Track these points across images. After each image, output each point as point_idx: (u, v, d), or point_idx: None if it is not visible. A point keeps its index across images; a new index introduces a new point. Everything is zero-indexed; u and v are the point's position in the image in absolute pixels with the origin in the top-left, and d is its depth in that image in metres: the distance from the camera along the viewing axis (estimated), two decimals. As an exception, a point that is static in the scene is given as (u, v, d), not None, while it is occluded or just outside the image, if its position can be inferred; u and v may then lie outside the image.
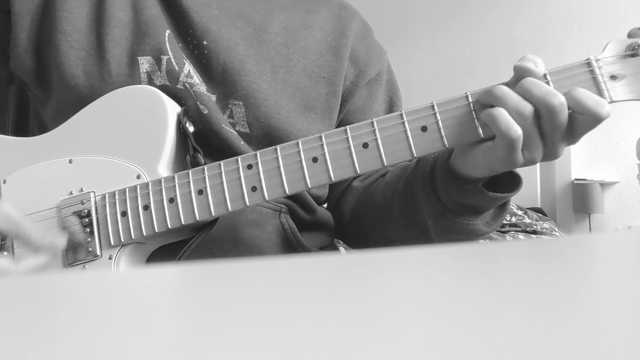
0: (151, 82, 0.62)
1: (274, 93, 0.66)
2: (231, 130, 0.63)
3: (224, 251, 0.61)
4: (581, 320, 0.12)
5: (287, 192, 0.52)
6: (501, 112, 0.46)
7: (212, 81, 0.65)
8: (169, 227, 0.54)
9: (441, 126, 0.49)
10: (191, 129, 0.60)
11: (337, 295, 0.15)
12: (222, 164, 0.54)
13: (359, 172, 0.51)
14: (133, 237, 0.55)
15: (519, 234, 2.12)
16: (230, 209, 0.53)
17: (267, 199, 0.52)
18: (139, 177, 0.57)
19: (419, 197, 0.60)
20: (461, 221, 0.58)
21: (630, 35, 0.48)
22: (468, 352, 0.10)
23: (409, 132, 0.50)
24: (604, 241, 0.26)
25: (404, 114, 0.50)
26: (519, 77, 0.48)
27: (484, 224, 0.59)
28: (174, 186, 0.55)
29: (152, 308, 0.15)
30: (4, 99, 0.74)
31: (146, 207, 0.55)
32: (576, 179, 2.84)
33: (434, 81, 3.30)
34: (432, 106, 0.49)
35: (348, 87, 0.73)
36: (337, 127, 0.73)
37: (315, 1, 0.75)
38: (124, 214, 0.56)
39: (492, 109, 0.47)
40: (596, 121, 0.45)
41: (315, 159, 0.51)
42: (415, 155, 0.49)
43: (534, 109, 0.46)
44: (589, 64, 0.47)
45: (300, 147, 0.52)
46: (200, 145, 0.59)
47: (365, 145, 0.50)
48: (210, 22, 0.66)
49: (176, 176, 0.55)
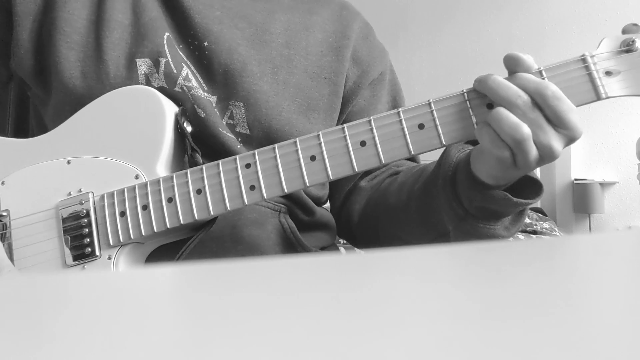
0: (149, 84, 0.62)
1: (275, 94, 0.66)
2: (228, 134, 0.63)
3: (223, 250, 0.61)
4: (581, 320, 0.12)
5: (286, 191, 0.52)
6: (503, 111, 0.46)
7: (213, 82, 0.65)
8: (168, 226, 0.54)
9: (438, 123, 0.49)
10: (189, 128, 0.60)
11: (337, 296, 0.15)
12: (220, 163, 0.54)
13: (356, 170, 0.51)
14: (132, 237, 0.55)
15: (519, 234, 2.12)
16: (228, 207, 0.53)
17: (265, 197, 0.52)
18: (137, 177, 0.57)
19: (438, 201, 0.58)
20: (482, 226, 0.56)
21: (624, 32, 0.48)
22: (468, 352, 0.10)
23: (406, 129, 0.50)
24: (604, 241, 0.26)
25: (400, 111, 0.50)
26: (510, 68, 0.48)
27: (503, 228, 0.57)
28: (173, 186, 0.55)
29: (152, 308, 0.15)
30: (4, 99, 0.74)
31: (145, 207, 0.55)
32: (576, 179, 2.84)
33: (434, 81, 3.30)
34: (429, 104, 0.49)
35: (350, 88, 0.72)
36: None
37: (316, 2, 0.75)
38: (122, 214, 0.56)
39: (493, 110, 0.47)
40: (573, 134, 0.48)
41: (313, 158, 0.51)
42: (413, 153, 0.49)
43: (530, 99, 0.46)
44: (584, 60, 0.47)
45: (298, 145, 0.52)
46: (197, 147, 0.59)
47: (362, 143, 0.50)
48: (212, 23, 0.66)
49: (174, 176, 0.55)
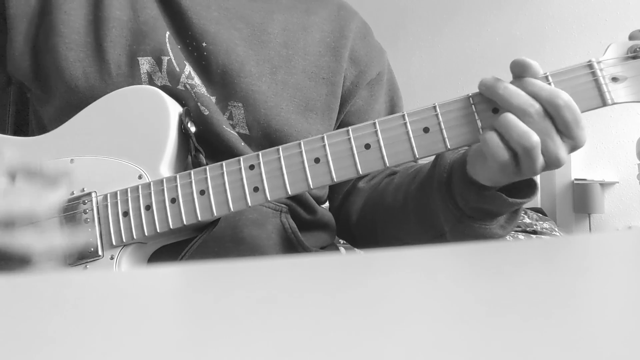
0: (152, 83, 0.62)
1: (274, 94, 0.66)
2: (232, 132, 0.63)
3: (224, 250, 0.61)
4: (581, 320, 0.12)
5: (290, 193, 0.52)
6: (512, 118, 0.46)
7: (212, 83, 0.65)
8: (171, 227, 0.54)
9: (443, 127, 0.49)
10: (193, 129, 0.60)
11: (337, 296, 0.15)
12: (224, 164, 0.54)
13: (361, 173, 0.51)
14: (135, 237, 0.55)
15: (519, 234, 2.12)
16: (232, 209, 0.53)
17: (269, 199, 0.52)
18: (140, 177, 0.57)
19: (434, 202, 0.59)
20: (478, 225, 0.57)
21: (631, 38, 0.48)
22: (468, 352, 0.10)
23: (411, 133, 0.50)
24: (604, 241, 0.26)
25: (406, 115, 0.50)
26: (517, 73, 0.48)
27: (498, 227, 0.58)
28: (176, 186, 0.55)
29: (154, 308, 0.15)
30: (4, 100, 0.74)
31: (148, 207, 0.55)
32: (576, 179, 2.85)
33: (434, 81, 3.30)
34: (434, 107, 0.49)
35: (348, 88, 0.73)
36: (338, 127, 0.73)
37: (314, 2, 0.75)
38: (125, 214, 0.56)
39: (501, 117, 0.47)
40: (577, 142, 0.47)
41: (317, 160, 0.51)
42: (418, 157, 0.49)
43: (542, 108, 0.46)
44: (590, 65, 0.47)
45: (303, 147, 0.52)
46: (201, 145, 0.59)
47: (367, 146, 0.50)
48: (210, 24, 0.66)
49: (178, 176, 0.55)
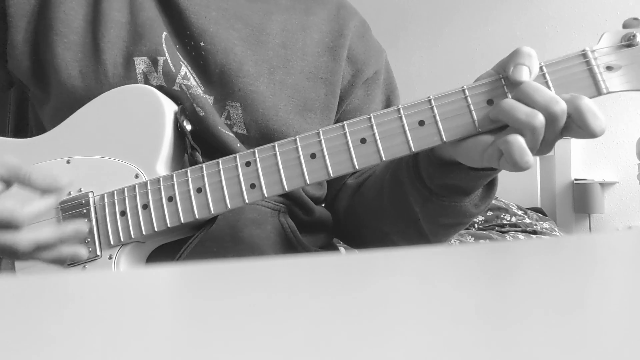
0: (147, 83, 0.62)
1: (272, 94, 0.66)
2: (228, 133, 0.63)
3: (223, 250, 0.61)
4: (581, 320, 0.12)
5: (286, 189, 0.52)
6: (513, 102, 0.46)
7: (210, 83, 0.65)
8: (169, 225, 0.54)
9: (438, 120, 0.49)
10: (188, 127, 0.60)
11: (337, 296, 0.15)
12: (220, 161, 0.54)
13: (357, 167, 0.50)
14: (133, 236, 0.55)
15: (519, 234, 2.12)
16: (229, 206, 0.53)
17: (266, 195, 0.52)
18: (137, 176, 0.57)
19: (405, 185, 0.60)
20: (447, 203, 0.58)
21: (625, 26, 0.48)
22: (468, 352, 0.10)
23: (406, 126, 0.50)
24: (604, 241, 0.26)
25: (401, 108, 0.50)
26: (514, 61, 0.47)
27: (472, 205, 0.58)
28: (173, 185, 0.55)
29: (153, 308, 0.15)
30: (4, 100, 0.74)
31: (145, 206, 0.55)
32: (576, 179, 2.84)
33: (434, 81, 3.30)
34: (429, 100, 0.49)
35: (345, 87, 0.73)
36: None
37: (313, 2, 0.75)
38: (123, 213, 0.56)
39: (503, 101, 0.46)
40: (589, 136, 0.45)
41: (313, 155, 0.51)
42: (414, 150, 0.49)
43: (544, 119, 0.45)
44: (584, 55, 0.47)
45: (299, 143, 0.52)
46: (197, 145, 0.59)
47: (363, 141, 0.50)
48: (208, 24, 0.66)
49: (174, 175, 0.55)
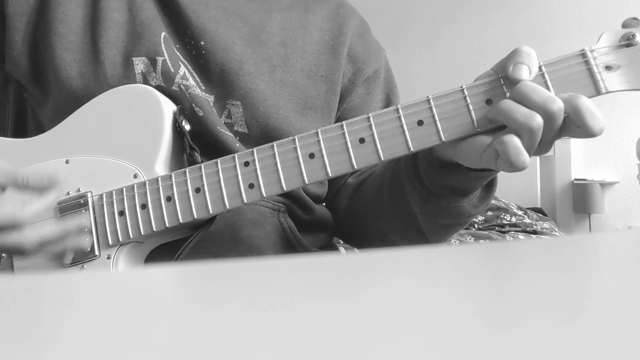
0: (146, 83, 0.62)
1: (272, 93, 0.66)
2: (227, 133, 0.63)
3: (223, 250, 0.61)
4: (581, 320, 0.12)
5: (285, 189, 0.52)
6: (511, 103, 0.45)
7: (210, 81, 0.65)
8: (167, 225, 0.54)
9: (437, 120, 0.49)
10: (187, 127, 0.60)
11: (336, 296, 0.15)
12: (219, 161, 0.54)
13: (355, 167, 0.50)
14: (131, 236, 0.55)
15: (519, 234, 2.12)
16: (228, 206, 0.53)
17: (264, 195, 0.52)
18: (135, 176, 0.57)
19: (404, 185, 0.60)
20: (446, 204, 0.58)
21: (624, 25, 0.48)
22: (468, 352, 0.10)
23: (405, 126, 0.49)
24: (604, 241, 0.26)
25: (399, 108, 0.50)
26: (514, 60, 0.47)
27: (471, 206, 0.58)
28: (171, 185, 0.55)
29: (151, 308, 0.15)
30: (3, 99, 0.74)
31: (144, 206, 0.55)
32: (576, 179, 2.85)
33: (434, 81, 3.31)
34: (428, 100, 0.49)
35: (346, 85, 0.73)
36: None
37: (313, 1, 0.76)
38: (121, 213, 0.56)
39: (501, 102, 0.46)
40: (587, 135, 0.44)
41: (312, 155, 0.51)
42: (412, 150, 0.49)
43: (542, 120, 0.45)
44: (583, 54, 0.47)
45: (297, 143, 0.52)
46: (196, 145, 0.59)
47: (361, 140, 0.50)
48: (208, 22, 0.66)
49: (173, 175, 0.55)
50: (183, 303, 0.16)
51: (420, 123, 0.49)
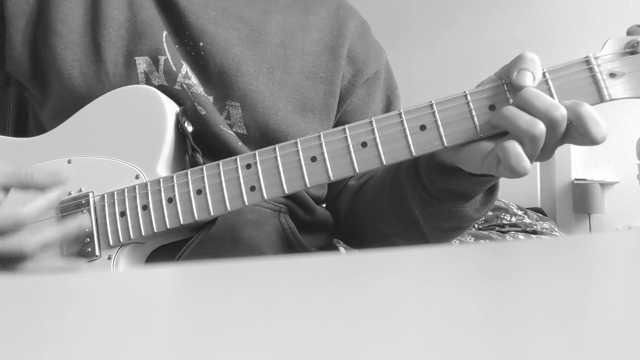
0: (149, 82, 0.62)
1: (271, 94, 0.66)
2: (229, 131, 0.63)
3: (223, 251, 0.61)
4: (581, 320, 0.12)
5: (286, 192, 0.52)
6: (514, 110, 0.45)
7: (209, 82, 0.64)
8: (168, 227, 0.54)
9: (440, 125, 0.49)
10: (190, 128, 0.60)
11: (337, 296, 0.15)
12: (220, 163, 0.54)
13: (357, 171, 0.50)
14: (132, 237, 0.55)
15: (519, 234, 2.12)
16: (229, 208, 0.53)
17: (265, 198, 0.52)
18: (137, 177, 0.57)
19: (405, 188, 0.60)
20: (448, 208, 0.58)
21: (629, 33, 0.48)
22: (468, 353, 0.10)
23: (407, 130, 0.49)
24: (604, 241, 0.26)
25: (402, 112, 0.50)
26: (518, 66, 0.47)
27: (473, 210, 0.59)
28: (173, 186, 0.55)
29: (151, 308, 0.15)
30: (4, 99, 0.74)
31: (145, 207, 0.55)
32: (576, 179, 2.85)
33: (434, 81, 3.31)
34: (431, 105, 0.49)
35: (345, 87, 0.72)
36: (335, 126, 0.73)
37: (313, 1, 0.75)
38: (122, 214, 0.56)
39: (504, 108, 0.46)
40: (590, 143, 0.44)
41: (314, 158, 0.51)
42: (414, 154, 0.49)
43: (545, 128, 0.45)
44: (588, 61, 0.47)
45: (299, 146, 0.52)
46: (198, 145, 0.59)
47: (364, 144, 0.50)
48: (207, 23, 0.66)
49: (175, 176, 0.55)
50: (184, 303, 0.16)
51: (423, 128, 0.49)
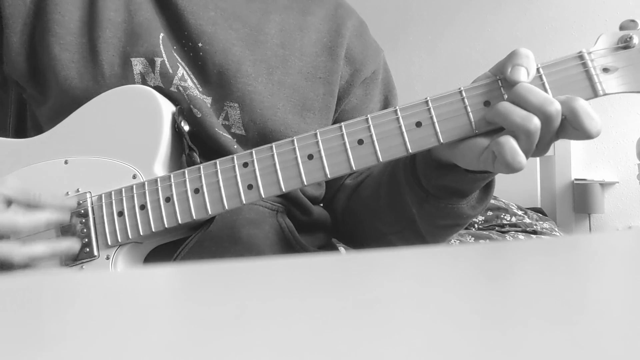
0: (144, 84, 0.62)
1: (270, 95, 0.66)
2: (224, 134, 0.63)
3: (221, 250, 0.61)
4: (581, 320, 0.12)
5: (283, 190, 0.52)
6: (509, 105, 0.45)
7: (208, 83, 0.64)
8: (166, 226, 0.54)
9: (435, 121, 0.49)
10: (186, 127, 0.60)
11: (335, 296, 0.15)
12: (217, 162, 0.54)
13: (354, 168, 0.50)
14: (130, 237, 0.55)
15: (519, 234, 2.12)
16: (226, 207, 0.53)
17: (263, 196, 0.52)
18: (134, 176, 0.57)
19: (402, 185, 0.60)
20: (444, 205, 0.58)
21: (622, 28, 0.48)
22: (467, 353, 0.10)
23: (403, 127, 0.49)
24: (604, 241, 0.26)
25: (398, 109, 0.50)
26: (512, 62, 0.47)
27: (469, 207, 0.59)
28: (170, 185, 0.55)
29: (150, 308, 0.15)
30: (4, 99, 0.74)
31: (143, 207, 0.55)
32: (576, 179, 2.84)
33: (434, 81, 3.31)
34: (426, 101, 0.49)
35: (343, 87, 0.73)
36: None
37: (311, 1, 0.75)
38: (120, 214, 0.56)
39: (499, 104, 0.46)
40: (584, 137, 0.44)
41: (310, 156, 0.51)
42: (410, 151, 0.49)
43: (539, 123, 0.45)
44: (581, 56, 0.47)
45: (296, 144, 0.52)
46: (195, 145, 0.59)
47: (360, 142, 0.50)
48: (206, 24, 0.66)
49: (172, 175, 0.55)
50: (182, 303, 0.16)
51: (419, 124, 0.49)
